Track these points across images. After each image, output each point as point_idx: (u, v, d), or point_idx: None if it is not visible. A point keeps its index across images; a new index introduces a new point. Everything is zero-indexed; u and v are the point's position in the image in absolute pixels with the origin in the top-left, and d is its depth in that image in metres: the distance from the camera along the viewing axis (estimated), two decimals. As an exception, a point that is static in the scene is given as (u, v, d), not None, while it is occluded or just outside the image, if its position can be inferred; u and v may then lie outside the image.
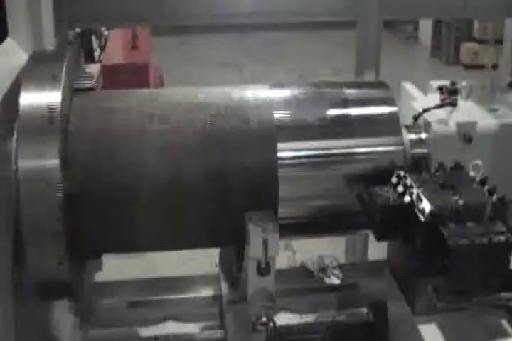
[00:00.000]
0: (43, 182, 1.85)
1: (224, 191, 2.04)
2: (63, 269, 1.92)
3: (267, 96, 2.18)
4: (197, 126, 2.06)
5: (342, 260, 3.02)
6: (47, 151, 1.86)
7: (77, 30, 4.36)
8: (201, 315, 2.49)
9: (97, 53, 6.59)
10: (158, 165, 2.02)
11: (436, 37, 10.48)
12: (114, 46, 6.84)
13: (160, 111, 2.10)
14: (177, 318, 2.47)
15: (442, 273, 1.80)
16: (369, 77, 3.14)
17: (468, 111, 2.34)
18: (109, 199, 2.00)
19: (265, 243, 1.94)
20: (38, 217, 1.85)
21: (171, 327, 2.45)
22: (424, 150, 2.22)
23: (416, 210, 1.87)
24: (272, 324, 2.06)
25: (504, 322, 1.98)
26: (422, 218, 1.84)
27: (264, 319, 2.05)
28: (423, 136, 2.24)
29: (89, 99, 2.13)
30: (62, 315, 2.35)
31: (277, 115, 2.11)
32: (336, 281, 2.57)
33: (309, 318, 2.47)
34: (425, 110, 2.28)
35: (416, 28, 11.34)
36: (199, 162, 2.03)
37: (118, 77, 5.96)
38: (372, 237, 2.07)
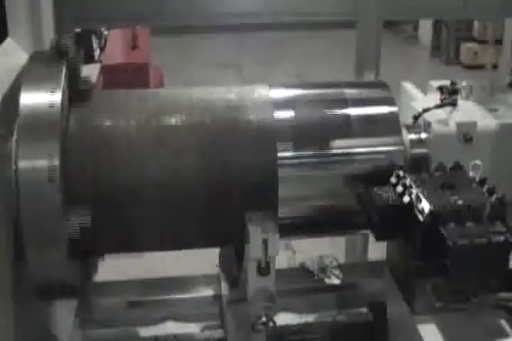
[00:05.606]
0: (43, 183, 1.85)
1: (224, 191, 2.05)
2: (63, 269, 1.92)
3: (267, 96, 2.18)
4: (197, 126, 2.06)
5: (342, 260, 3.01)
6: (47, 151, 1.86)
7: (77, 30, 4.37)
8: (201, 315, 2.48)
9: (97, 53, 6.59)
10: (157, 165, 2.02)
11: (436, 37, 10.48)
12: (114, 46, 6.84)
13: (160, 111, 2.10)
14: (177, 318, 2.46)
15: (442, 273, 1.80)
16: (369, 77, 3.14)
17: (468, 111, 2.33)
18: (109, 200, 2.00)
19: (265, 243, 1.94)
20: (37, 217, 1.85)
21: (171, 327, 2.45)
22: (424, 150, 2.22)
23: (415, 210, 1.87)
24: (271, 324, 2.06)
25: (504, 322, 1.98)
26: (421, 218, 1.84)
27: (264, 319, 2.05)
28: (423, 136, 2.24)
29: (89, 99, 2.13)
30: (62, 315, 2.35)
31: (277, 115, 2.11)
32: (335, 281, 2.57)
33: (309, 318, 2.47)
34: (425, 110, 2.28)
35: (416, 28, 11.32)
36: (199, 162, 2.03)
37: (118, 77, 5.97)
38: (372, 237, 2.07)
